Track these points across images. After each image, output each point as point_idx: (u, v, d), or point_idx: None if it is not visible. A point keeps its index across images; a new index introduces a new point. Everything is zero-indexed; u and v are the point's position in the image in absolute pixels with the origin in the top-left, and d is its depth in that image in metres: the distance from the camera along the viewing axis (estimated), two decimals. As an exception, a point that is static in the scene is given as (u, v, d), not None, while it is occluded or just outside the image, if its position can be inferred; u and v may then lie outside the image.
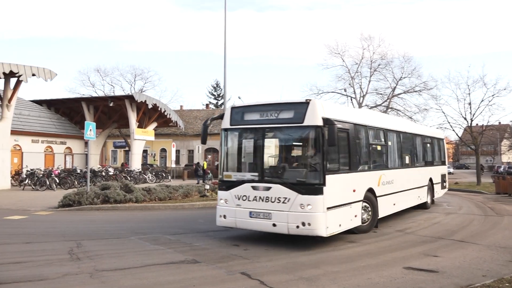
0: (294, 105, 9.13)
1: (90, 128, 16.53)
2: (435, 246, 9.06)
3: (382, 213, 11.16)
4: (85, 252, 8.09)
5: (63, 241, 9.27)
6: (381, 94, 41.36)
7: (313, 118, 8.69)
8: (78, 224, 11.93)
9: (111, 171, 28.52)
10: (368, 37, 41.73)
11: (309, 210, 8.46)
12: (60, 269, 6.95)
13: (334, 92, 41.48)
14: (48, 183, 22.77)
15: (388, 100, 40.55)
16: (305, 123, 8.76)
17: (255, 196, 9.00)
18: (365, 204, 10.32)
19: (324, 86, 46.27)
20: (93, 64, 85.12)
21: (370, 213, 10.54)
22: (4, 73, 22.22)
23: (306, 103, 8.83)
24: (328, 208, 8.58)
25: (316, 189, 8.52)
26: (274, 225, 8.73)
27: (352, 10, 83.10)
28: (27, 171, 24.28)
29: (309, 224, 8.44)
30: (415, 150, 14.67)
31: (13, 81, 23.59)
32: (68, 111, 36.67)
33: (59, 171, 24.98)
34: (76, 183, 23.59)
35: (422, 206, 15.17)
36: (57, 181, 23.21)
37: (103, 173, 26.94)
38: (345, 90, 41.00)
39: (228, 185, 9.41)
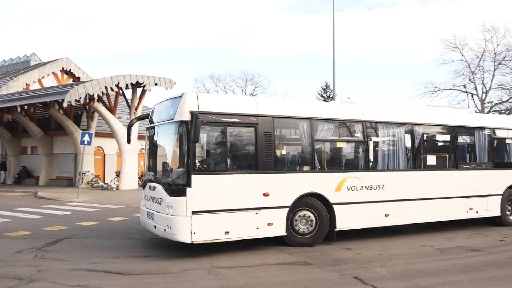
0: (174, 100, 8.42)
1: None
2: None
3: (348, 225, 9.29)
4: (203, 250, 8.57)
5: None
6: (507, 89, 37.64)
7: (181, 113, 7.93)
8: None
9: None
10: (491, 28, 38.19)
11: (171, 212, 7.79)
12: (181, 264, 7.47)
13: (452, 89, 38.75)
14: (169, 184, 24.51)
15: (516, 96, 36.77)
16: (175, 118, 8.09)
17: (150, 196, 8.79)
18: (304, 212, 8.87)
19: (440, 83, 43.22)
20: (207, 72, 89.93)
21: (313, 223, 8.95)
22: (131, 84, 24.53)
23: (180, 97, 8.15)
24: (195, 212, 7.70)
25: (179, 191, 7.74)
26: (155, 226, 8.36)
27: (471, 0, 76.89)
28: (151, 173, 26.41)
29: (170, 228, 7.79)
30: (463, 147, 11.74)
31: (139, 90, 25.92)
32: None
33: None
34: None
35: (496, 222, 11.62)
36: (177, 182, 24.89)
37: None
38: (464, 87, 38.11)
39: (143, 185, 9.47)
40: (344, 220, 9.23)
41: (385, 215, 9.75)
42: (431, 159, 10.85)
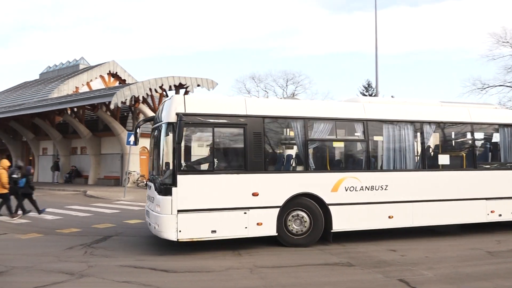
0: (167, 102, 8.73)
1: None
2: None
3: (346, 227, 9.09)
4: (245, 249, 8.62)
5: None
6: None
7: (168, 115, 8.21)
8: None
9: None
10: (545, 19, 36.20)
11: (159, 211, 8.11)
12: (224, 263, 7.56)
13: (502, 86, 37.10)
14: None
15: None
16: (164, 120, 8.39)
17: (148, 195, 9.47)
18: (298, 212, 8.80)
19: (489, 80, 41.35)
20: (248, 72, 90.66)
21: (307, 224, 8.86)
22: (174, 85, 25.04)
23: (170, 99, 8.57)
24: (180, 211, 7.93)
25: (166, 190, 8.00)
26: (149, 224, 8.82)
27: (524, -9, 73.07)
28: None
29: (158, 226, 8.12)
30: (484, 146, 10.82)
31: (181, 92, 26.41)
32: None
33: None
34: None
35: None
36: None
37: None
38: (516, 83, 36.38)
39: (145, 184, 9.59)
40: (342, 221, 9.05)
41: (389, 217, 9.38)
42: (444, 159, 10.18)
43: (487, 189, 10.18)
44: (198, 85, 26.13)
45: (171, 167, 8.11)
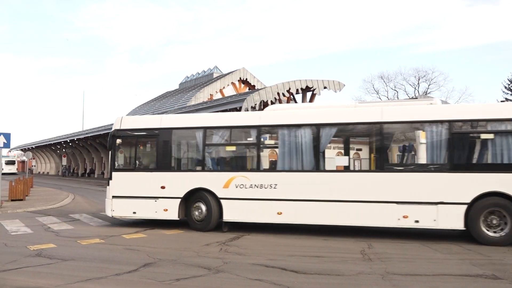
0: None
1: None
2: None
3: (235, 218, 10.80)
4: (375, 254, 8.38)
5: (356, 240, 9.83)
6: None
7: (112, 130, 11.99)
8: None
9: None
10: None
11: (106, 196, 12.03)
12: (353, 267, 7.41)
13: None
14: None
15: None
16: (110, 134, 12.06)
17: None
18: (197, 204, 11.06)
19: None
20: (376, 72, 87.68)
21: (202, 212, 11.01)
22: (301, 89, 25.40)
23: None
24: (114, 197, 11.64)
25: (108, 182, 11.92)
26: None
27: None
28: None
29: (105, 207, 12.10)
30: (397, 146, 10.56)
31: (308, 95, 26.68)
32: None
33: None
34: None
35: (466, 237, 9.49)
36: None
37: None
38: None
39: None
40: (231, 213, 10.78)
41: (278, 213, 10.37)
42: (341, 160, 10.52)
43: (396, 192, 9.55)
44: (325, 87, 26.14)
45: (110, 167, 11.88)
